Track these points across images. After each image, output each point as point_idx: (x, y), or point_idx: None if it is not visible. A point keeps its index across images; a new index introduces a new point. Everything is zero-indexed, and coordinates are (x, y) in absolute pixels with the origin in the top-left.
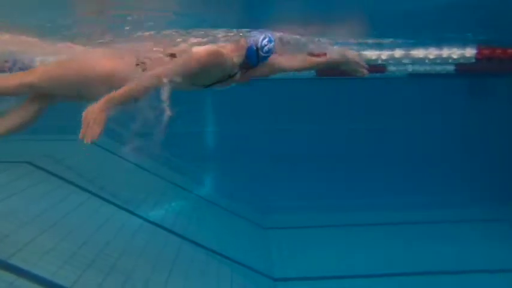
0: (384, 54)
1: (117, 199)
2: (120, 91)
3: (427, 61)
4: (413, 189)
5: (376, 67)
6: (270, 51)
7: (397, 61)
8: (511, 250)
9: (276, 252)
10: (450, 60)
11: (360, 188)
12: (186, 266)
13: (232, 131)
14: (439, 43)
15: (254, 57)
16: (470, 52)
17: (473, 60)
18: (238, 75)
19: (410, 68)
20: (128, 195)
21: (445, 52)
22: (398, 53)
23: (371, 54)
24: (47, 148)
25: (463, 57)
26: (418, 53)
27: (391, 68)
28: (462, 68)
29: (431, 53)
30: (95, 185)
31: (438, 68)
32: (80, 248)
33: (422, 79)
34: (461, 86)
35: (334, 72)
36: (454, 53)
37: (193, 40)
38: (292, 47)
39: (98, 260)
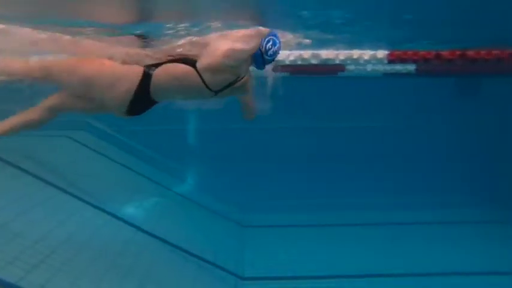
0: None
1: (87, 195)
2: None
3: (338, 61)
4: (398, 189)
5: (335, 66)
6: (275, 54)
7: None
8: (508, 252)
9: (251, 251)
10: (362, 61)
11: (342, 187)
12: (148, 263)
13: (215, 128)
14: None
15: (260, 61)
16: (382, 53)
17: (386, 62)
18: (245, 78)
19: (369, 68)
20: (100, 191)
21: (356, 53)
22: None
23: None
24: (16, 143)
25: (375, 58)
26: (328, 53)
27: (350, 67)
28: (422, 68)
29: (341, 53)
30: (65, 180)
31: (398, 68)
32: (36, 243)
33: (403, 79)
34: (450, 85)
35: (310, 71)
36: (365, 54)
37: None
38: None
39: (53, 256)
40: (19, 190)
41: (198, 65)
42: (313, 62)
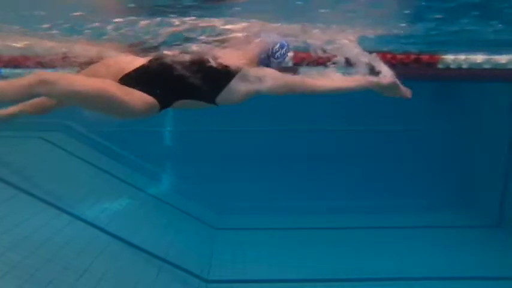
0: None
1: (52, 196)
2: None
3: None
4: (370, 193)
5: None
6: (282, 57)
7: None
8: (465, 257)
9: (220, 253)
10: None
11: (316, 190)
12: (106, 264)
13: (190, 130)
14: None
15: (266, 64)
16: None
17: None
18: None
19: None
20: (68, 192)
21: None
22: None
23: None
24: None
25: None
26: None
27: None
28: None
29: None
30: (29, 182)
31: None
32: None
33: None
34: (425, 90)
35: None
36: None
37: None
38: None
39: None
40: None
41: (217, 101)
42: None
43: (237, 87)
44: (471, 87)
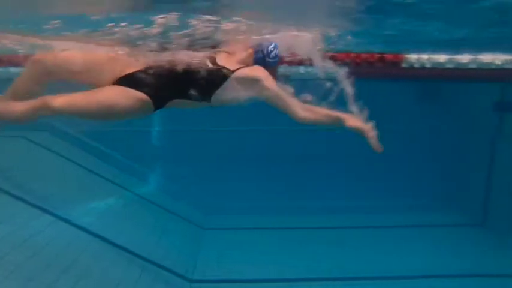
0: None
1: (34, 196)
2: None
3: None
4: (359, 192)
5: None
6: (277, 57)
7: None
8: (463, 256)
9: (207, 253)
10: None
11: (305, 190)
12: (87, 264)
13: (178, 130)
14: None
15: (261, 64)
16: None
17: None
18: None
19: (302, 70)
20: (51, 193)
21: None
22: None
23: None
24: None
25: None
26: None
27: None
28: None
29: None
30: (10, 182)
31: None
32: None
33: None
34: (412, 90)
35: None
36: None
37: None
38: None
39: None
40: None
41: (212, 102)
42: None
43: (232, 89)
44: (456, 87)
